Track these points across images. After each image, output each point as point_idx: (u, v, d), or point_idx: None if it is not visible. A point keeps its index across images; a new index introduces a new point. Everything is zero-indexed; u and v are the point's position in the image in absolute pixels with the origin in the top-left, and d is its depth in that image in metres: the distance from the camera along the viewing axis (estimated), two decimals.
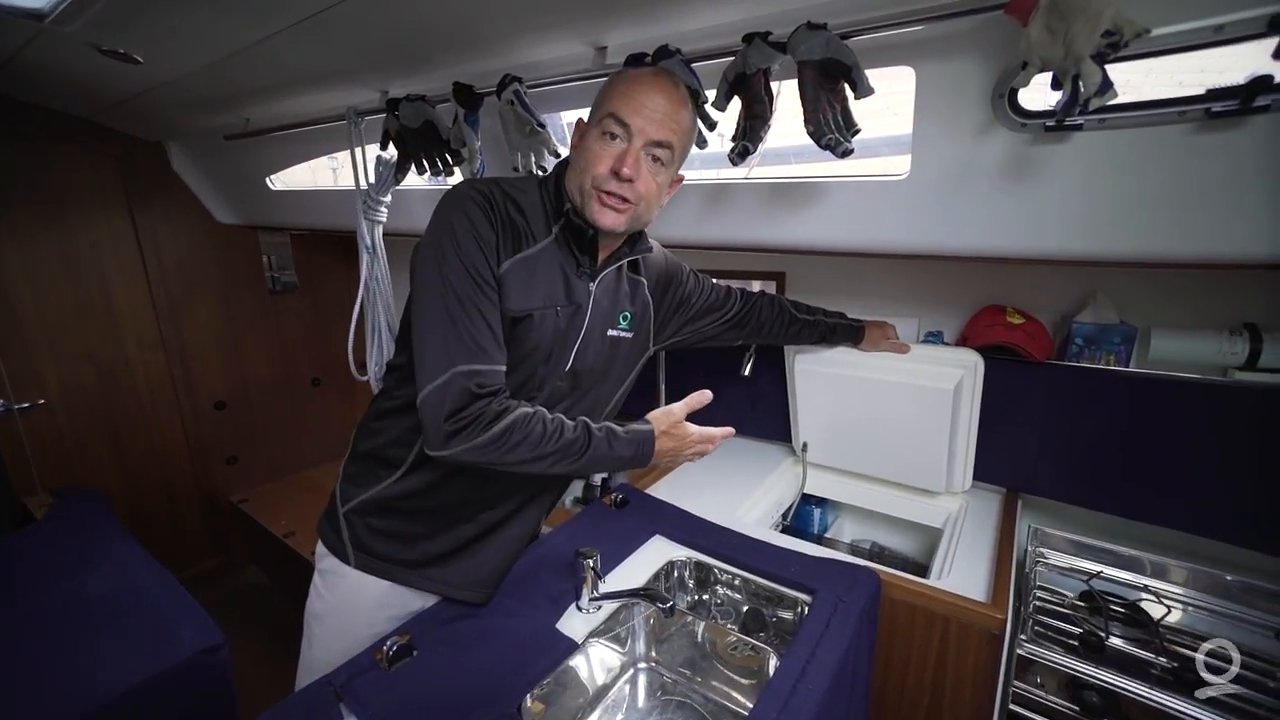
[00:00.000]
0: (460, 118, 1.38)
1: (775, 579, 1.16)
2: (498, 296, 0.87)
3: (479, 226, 0.86)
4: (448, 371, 0.81)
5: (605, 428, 0.92)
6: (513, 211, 0.91)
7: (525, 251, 0.91)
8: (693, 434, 0.98)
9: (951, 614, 1.06)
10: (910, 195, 1.13)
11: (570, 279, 0.95)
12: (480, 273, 0.85)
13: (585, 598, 1.09)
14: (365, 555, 1.01)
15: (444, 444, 0.82)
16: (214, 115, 1.73)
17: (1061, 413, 1.32)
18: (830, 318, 1.40)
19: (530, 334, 0.92)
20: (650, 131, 0.86)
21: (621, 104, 0.86)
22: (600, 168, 0.87)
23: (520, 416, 0.84)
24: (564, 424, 0.88)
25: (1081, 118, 0.85)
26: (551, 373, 0.97)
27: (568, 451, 0.87)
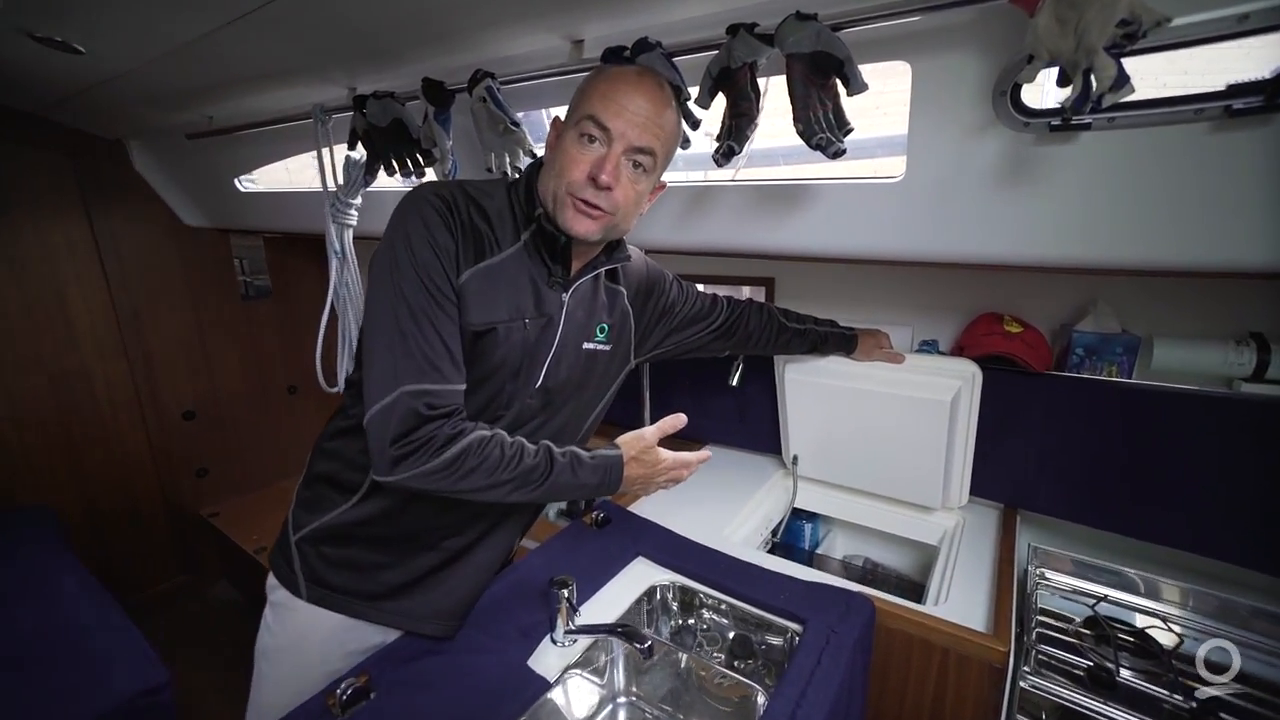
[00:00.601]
0: (430, 116, 1.30)
1: (764, 606, 1.09)
2: (457, 309, 0.80)
3: (436, 233, 0.79)
4: (395, 391, 0.74)
5: (569, 453, 0.85)
6: (476, 217, 0.84)
7: (489, 260, 0.84)
8: (665, 460, 0.91)
9: (951, 645, 1.00)
10: (905, 199, 1.06)
11: (540, 289, 0.88)
12: (436, 283, 0.78)
13: (560, 630, 1.01)
14: (318, 587, 0.92)
15: (390, 469, 0.75)
16: (175, 112, 1.64)
17: (1062, 426, 1.27)
18: (821, 326, 1.34)
19: (495, 349, 0.84)
20: (631, 136, 0.80)
21: (601, 106, 0.79)
22: (576, 173, 0.80)
23: (475, 441, 0.77)
24: (524, 449, 0.81)
25: (1090, 116, 0.79)
26: (520, 389, 0.90)
27: (527, 479, 0.80)
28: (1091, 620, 1.07)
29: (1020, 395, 1.30)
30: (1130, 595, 1.14)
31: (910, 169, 1.04)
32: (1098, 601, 1.11)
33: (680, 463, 0.93)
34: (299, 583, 0.92)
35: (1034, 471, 1.31)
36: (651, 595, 1.20)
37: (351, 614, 0.93)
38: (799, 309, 1.38)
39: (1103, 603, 1.11)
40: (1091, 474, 1.24)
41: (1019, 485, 1.35)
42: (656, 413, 1.80)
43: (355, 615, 0.93)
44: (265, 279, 2.64)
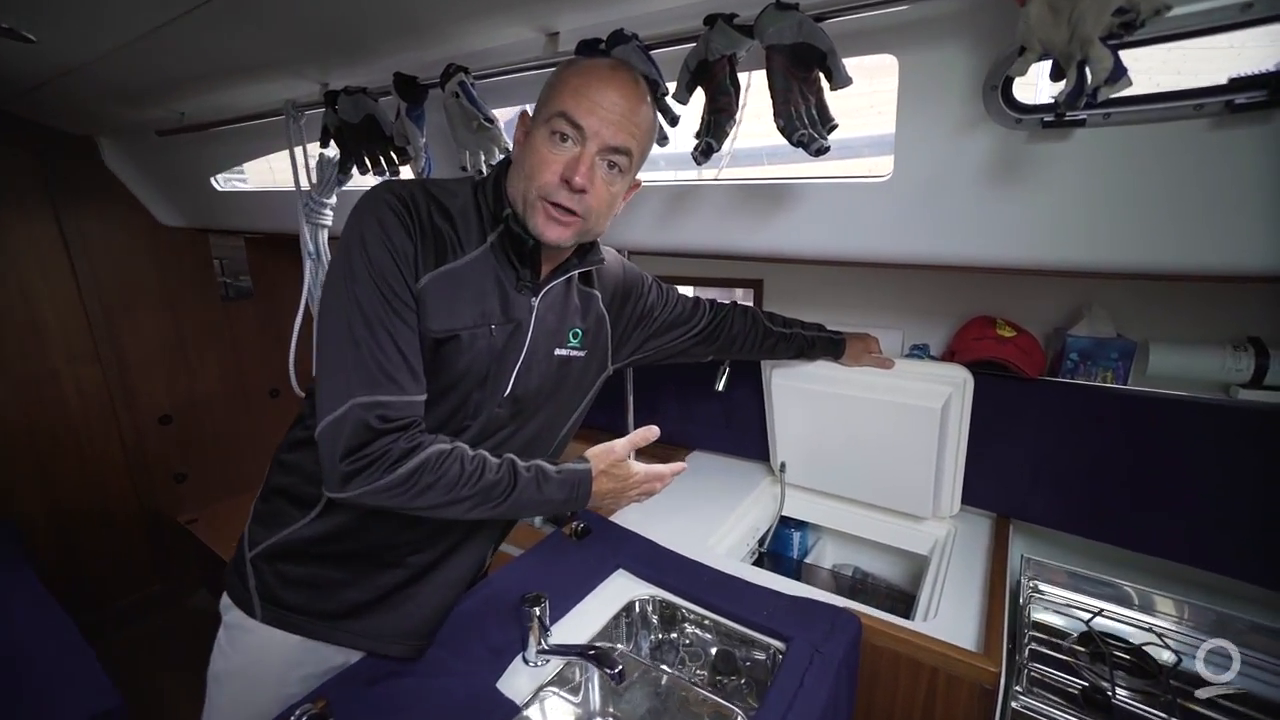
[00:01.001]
0: (403, 112, 1.25)
1: (746, 623, 1.05)
2: (416, 316, 0.76)
3: (393, 235, 0.74)
4: (346, 403, 0.70)
5: (535, 467, 0.81)
6: (437, 217, 0.79)
7: (451, 263, 0.79)
8: (637, 474, 0.87)
9: (940, 664, 0.96)
10: (894, 198, 1.02)
11: (508, 293, 0.84)
12: (393, 288, 0.74)
13: (533, 649, 0.97)
14: (274, 607, 0.88)
15: (341, 485, 0.71)
16: (144, 108, 1.59)
17: (1055, 434, 1.23)
18: (808, 330, 1.29)
19: (458, 357, 0.80)
20: (606, 135, 0.76)
21: (574, 102, 0.75)
22: (548, 175, 0.76)
23: (433, 455, 0.73)
24: (486, 463, 0.77)
25: (1085, 112, 0.75)
26: (488, 398, 0.85)
27: (488, 495, 0.76)
28: (1086, 636, 1.03)
29: (1013, 402, 1.26)
30: (1126, 609, 1.10)
31: (898, 168, 0.99)
32: (1093, 616, 1.07)
33: (653, 475, 0.89)
34: (253, 602, 0.87)
35: (1027, 480, 1.27)
36: (630, 609, 1.15)
37: (310, 635, 0.88)
38: (788, 312, 1.34)
39: (1098, 617, 1.07)
40: (1086, 483, 1.20)
41: (1012, 494, 1.31)
42: (641, 419, 1.76)
43: (314, 636, 0.89)
44: (247, 280, 2.59)
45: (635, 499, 0.91)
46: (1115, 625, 1.07)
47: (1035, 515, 1.29)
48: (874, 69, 0.96)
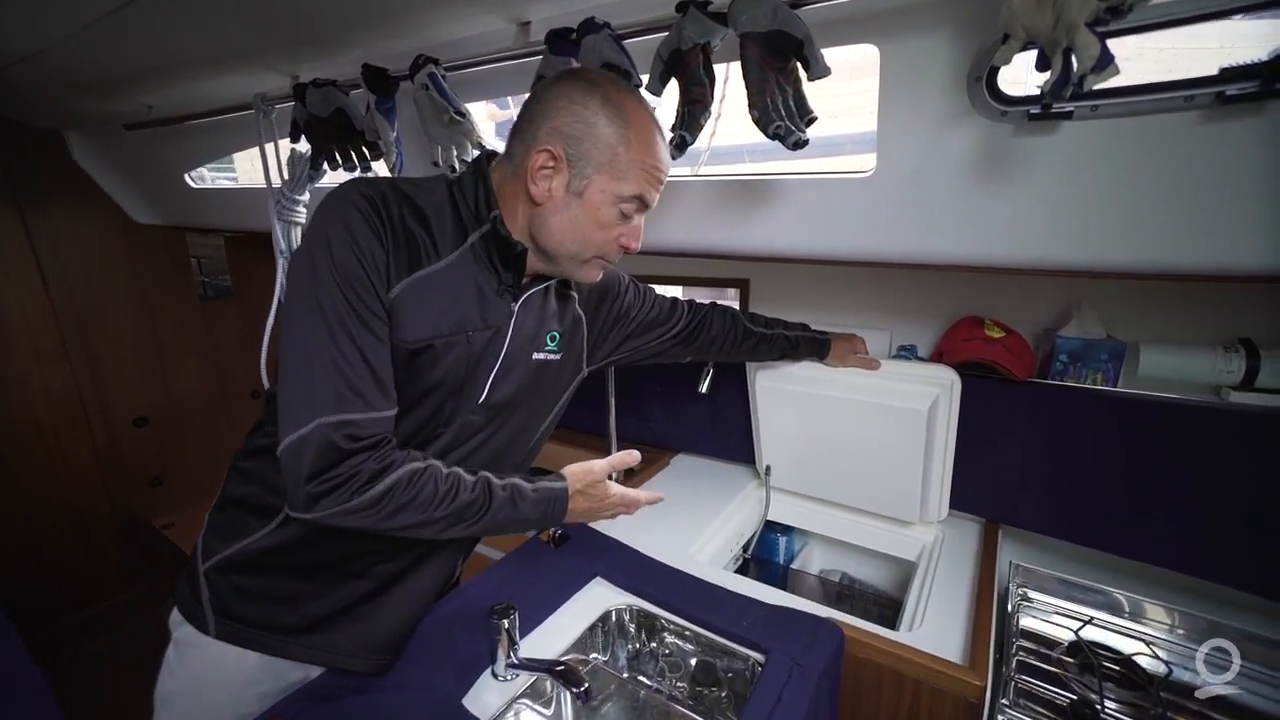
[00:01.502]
0: (372, 105, 1.21)
1: (725, 634, 1.01)
2: (387, 326, 0.72)
3: (361, 239, 0.70)
4: (311, 422, 0.65)
5: (511, 486, 0.78)
6: (410, 219, 0.75)
7: (425, 269, 0.75)
8: (612, 495, 0.86)
9: (924, 677, 0.92)
10: (877, 195, 0.99)
11: (488, 298, 0.80)
12: (361, 297, 0.69)
13: (501, 663, 0.93)
14: (230, 622, 0.83)
15: (307, 507, 0.67)
16: (107, 100, 1.53)
17: (1045, 437, 1.20)
18: (792, 331, 1.26)
19: (433, 367, 0.76)
20: (655, 202, 0.81)
21: (649, 185, 0.78)
22: (611, 244, 0.80)
23: (405, 475, 0.69)
24: (460, 482, 0.74)
25: (1072, 104, 0.72)
26: (463, 405, 0.82)
27: (462, 515, 0.73)
28: (1075, 646, 1.00)
29: (1001, 404, 1.23)
30: (1116, 618, 1.07)
31: (881, 163, 0.96)
32: (1083, 625, 1.04)
33: (628, 500, 0.88)
34: (206, 617, 0.83)
35: (1016, 485, 1.24)
36: (607, 619, 1.12)
37: (268, 650, 0.84)
38: (774, 312, 1.30)
39: (1089, 625, 1.04)
40: (1075, 487, 1.17)
41: (1000, 499, 1.28)
42: (625, 421, 1.72)
43: (271, 652, 0.84)
44: (227, 279, 2.53)
45: (607, 517, 0.88)
46: (1105, 634, 1.04)
47: (1024, 520, 1.26)
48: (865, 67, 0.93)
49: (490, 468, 0.86)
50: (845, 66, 1.05)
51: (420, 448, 0.80)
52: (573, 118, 0.73)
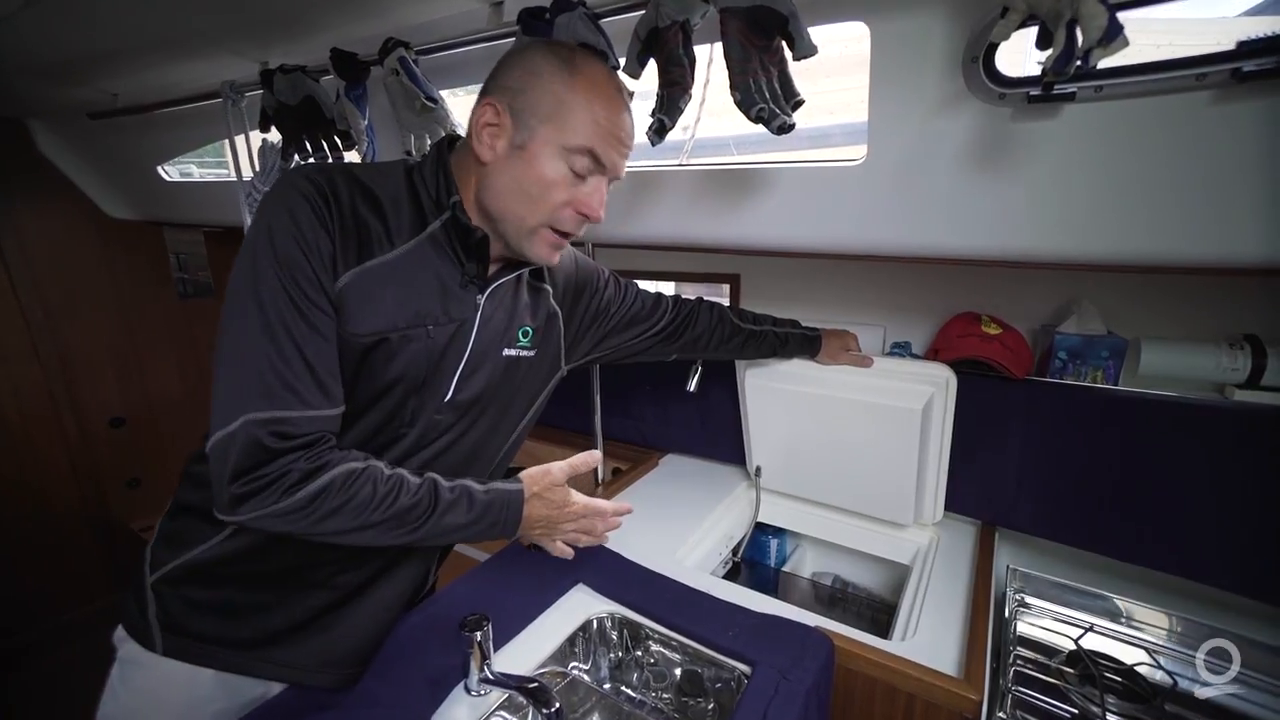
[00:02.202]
0: (342, 92, 1.16)
1: (709, 644, 0.97)
2: (332, 319, 0.67)
3: (305, 228, 0.65)
4: (238, 419, 0.61)
5: (460, 487, 0.73)
6: (362, 207, 0.70)
7: (378, 258, 0.70)
8: (574, 504, 0.81)
9: (917, 690, 0.88)
10: (868, 184, 0.94)
11: (450, 290, 0.76)
12: (302, 288, 0.65)
13: (474, 677, 0.88)
14: (179, 637, 0.78)
15: (231, 509, 0.63)
16: (69, 87, 1.47)
17: (1043, 437, 1.16)
18: (781, 327, 1.21)
19: (389, 362, 0.72)
20: (619, 170, 0.74)
21: (601, 141, 0.70)
22: (563, 209, 0.73)
23: (341, 476, 0.65)
24: (403, 484, 0.69)
25: (1075, 85, 0.67)
26: (426, 404, 0.77)
27: (403, 520, 0.68)
28: (1074, 656, 0.96)
29: (998, 403, 1.18)
30: (1116, 625, 1.03)
31: (873, 150, 0.92)
32: (1083, 634, 0.99)
33: (593, 510, 0.83)
34: (153, 633, 0.78)
35: (1013, 486, 1.20)
36: (588, 628, 1.07)
37: (220, 666, 0.79)
38: (766, 308, 1.26)
39: (1089, 633, 1.00)
40: (1075, 489, 1.13)
41: (997, 501, 1.23)
42: (611, 419, 1.67)
43: (225, 668, 0.80)
44: (207, 275, 2.47)
45: (572, 536, 0.82)
46: (1106, 642, 1.00)
47: (1021, 523, 1.21)
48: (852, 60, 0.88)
49: (461, 471, 0.81)
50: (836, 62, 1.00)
51: (383, 449, 0.76)
52: (520, 70, 0.70)
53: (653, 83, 0.88)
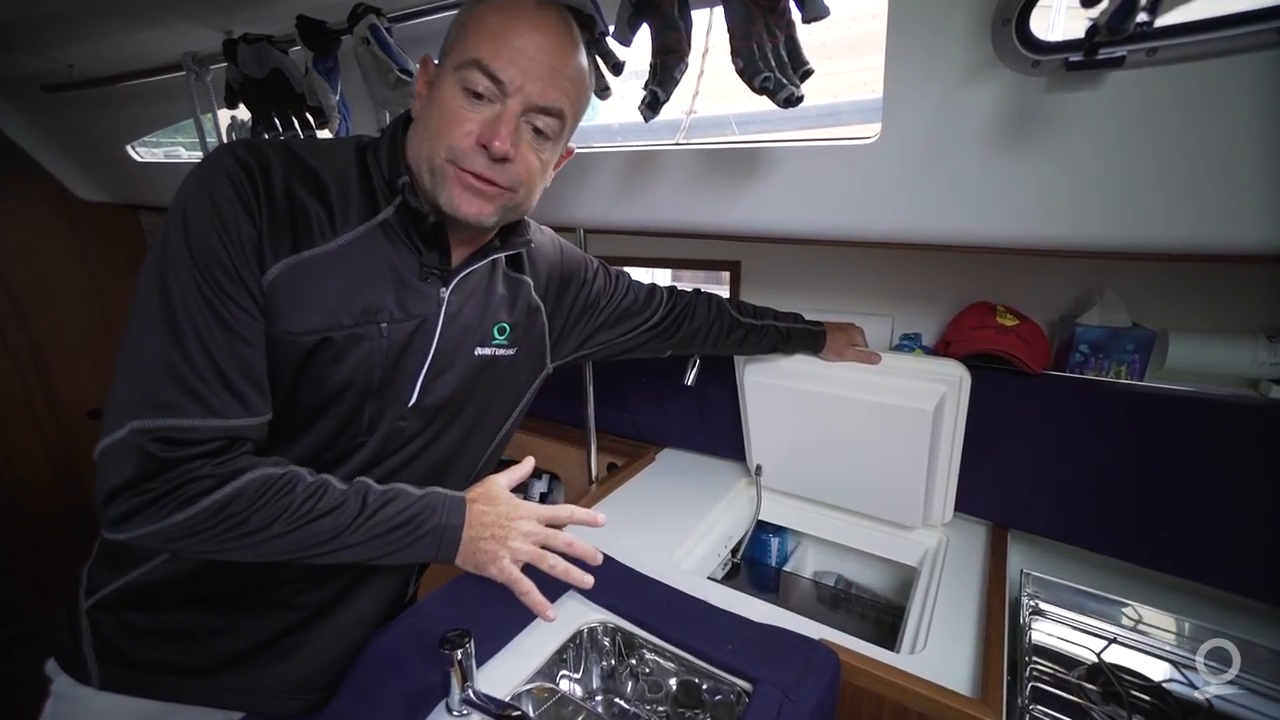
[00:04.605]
0: (310, 65, 1.07)
1: (709, 659, 0.91)
2: (254, 317, 0.59)
3: (225, 213, 0.58)
4: (125, 425, 0.54)
5: (395, 488, 0.65)
6: (299, 189, 0.62)
7: (318, 247, 0.63)
8: (524, 508, 0.70)
9: (929, 711, 0.82)
10: (882, 164, 0.86)
11: (408, 282, 0.68)
12: (217, 280, 0.57)
13: (455, 697, 0.82)
14: (118, 667, 0.71)
15: (115, 526, 0.56)
16: (19, 55, 1.36)
17: (1061, 435, 1.09)
18: (783, 321, 1.14)
19: (335, 365, 0.64)
20: (532, 93, 0.62)
21: (491, 48, 0.60)
22: (460, 137, 0.62)
23: (255, 484, 0.57)
24: (327, 490, 0.61)
25: (1125, 48, 0.59)
26: (386, 410, 0.70)
27: (330, 527, 0.60)
28: (1096, 670, 0.91)
29: (1014, 399, 1.12)
30: (1140, 636, 0.97)
31: (887, 127, 0.83)
32: (1105, 646, 0.94)
33: (551, 518, 0.71)
34: (87, 665, 0.70)
35: (1028, 487, 1.13)
36: (578, 637, 1.01)
37: (166, 696, 0.72)
38: (769, 297, 1.18)
39: (1113, 645, 0.94)
40: (1096, 491, 1.06)
41: (1011, 502, 1.17)
42: (607, 413, 1.60)
43: (176, 698, 0.73)
44: None
45: (530, 551, 0.69)
46: (1129, 654, 0.95)
47: (1038, 526, 1.15)
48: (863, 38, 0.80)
49: (433, 482, 0.75)
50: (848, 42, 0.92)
51: (340, 460, 0.69)
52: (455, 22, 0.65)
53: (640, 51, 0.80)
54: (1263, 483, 0.92)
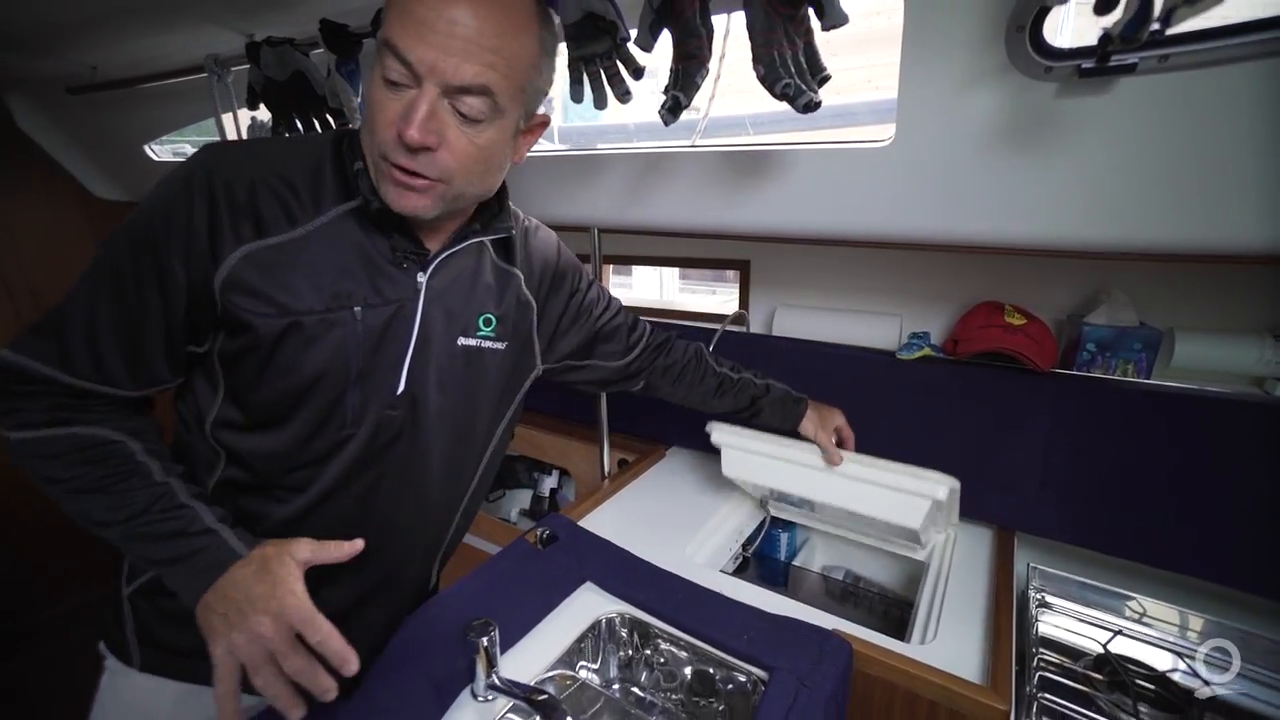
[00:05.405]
0: (333, 67, 1.09)
1: (725, 649, 0.93)
2: (163, 298, 0.61)
3: (175, 203, 0.60)
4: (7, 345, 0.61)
5: (188, 513, 0.62)
6: (266, 181, 0.63)
7: (283, 234, 0.63)
8: (277, 603, 0.57)
9: (940, 698, 0.85)
10: (895, 166, 0.88)
11: (381, 268, 0.67)
12: (137, 259, 0.60)
13: (481, 682, 0.85)
14: (156, 651, 0.74)
15: None
16: (44, 58, 1.39)
17: (1068, 434, 1.10)
18: (762, 379, 1.12)
19: (307, 350, 0.64)
20: (446, 70, 0.55)
21: (399, 25, 0.55)
22: (384, 129, 0.58)
23: (64, 437, 0.61)
24: (133, 477, 0.62)
25: (1137, 54, 0.61)
26: (371, 399, 0.69)
27: (96, 511, 0.62)
28: (1102, 660, 0.93)
29: (1022, 397, 1.13)
30: (1145, 628, 0.99)
31: (901, 131, 0.85)
32: (1111, 637, 0.96)
33: (303, 626, 0.57)
34: (130, 648, 0.74)
35: (1036, 488, 1.15)
36: (597, 627, 1.04)
37: (206, 681, 0.75)
38: (775, 294, 1.20)
39: (1119, 636, 0.96)
40: (1105, 493, 1.08)
41: (1019, 505, 1.18)
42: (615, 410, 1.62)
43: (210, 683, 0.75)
44: None
45: (241, 651, 0.57)
46: (1134, 646, 0.97)
47: (1047, 529, 1.16)
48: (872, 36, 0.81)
49: (437, 487, 0.78)
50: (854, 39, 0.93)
51: (328, 456, 0.70)
52: None
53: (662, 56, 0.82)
54: (1271, 480, 0.94)
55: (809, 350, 1.34)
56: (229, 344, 0.64)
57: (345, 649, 0.59)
